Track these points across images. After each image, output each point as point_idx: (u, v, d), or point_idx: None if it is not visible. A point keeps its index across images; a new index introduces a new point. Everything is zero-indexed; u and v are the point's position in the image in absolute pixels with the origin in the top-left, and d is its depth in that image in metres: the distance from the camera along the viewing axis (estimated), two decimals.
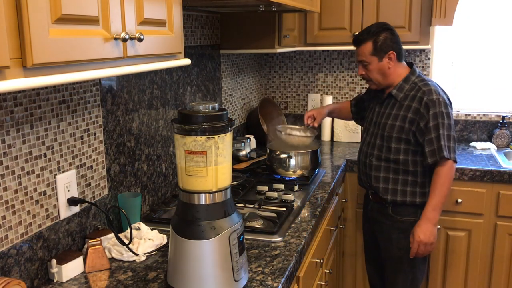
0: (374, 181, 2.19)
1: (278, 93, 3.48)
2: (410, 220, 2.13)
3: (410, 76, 2.13)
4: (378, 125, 2.18)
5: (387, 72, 2.11)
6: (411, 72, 2.14)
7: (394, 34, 2.11)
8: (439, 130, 2.00)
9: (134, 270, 1.45)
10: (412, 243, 2.08)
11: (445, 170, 2.02)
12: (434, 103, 2.01)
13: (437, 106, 2.01)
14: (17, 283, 1.15)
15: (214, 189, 1.24)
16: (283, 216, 1.80)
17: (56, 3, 0.85)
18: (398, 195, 2.13)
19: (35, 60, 0.81)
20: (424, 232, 2.04)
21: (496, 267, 2.64)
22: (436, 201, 2.04)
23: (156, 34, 1.20)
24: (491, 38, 3.07)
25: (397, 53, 2.10)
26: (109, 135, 1.68)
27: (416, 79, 2.12)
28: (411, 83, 2.11)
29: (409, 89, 2.10)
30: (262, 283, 1.35)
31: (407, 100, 2.09)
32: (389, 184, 2.15)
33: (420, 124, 2.04)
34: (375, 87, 2.18)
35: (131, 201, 1.72)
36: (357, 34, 2.16)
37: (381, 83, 2.14)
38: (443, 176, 2.02)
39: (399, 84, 2.12)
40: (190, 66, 2.28)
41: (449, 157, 2.00)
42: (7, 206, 1.26)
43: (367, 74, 2.14)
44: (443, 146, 2.00)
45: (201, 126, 1.19)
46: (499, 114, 3.08)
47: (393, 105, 2.13)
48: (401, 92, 2.11)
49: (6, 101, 1.24)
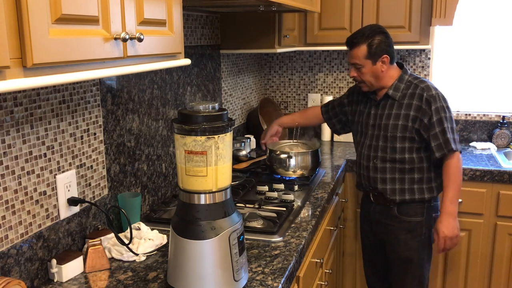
0: (381, 184, 2.18)
1: (278, 93, 3.48)
2: (417, 219, 2.15)
3: (403, 75, 2.15)
4: (378, 126, 2.17)
5: (380, 75, 2.11)
6: (403, 71, 2.17)
7: (388, 37, 2.11)
8: (443, 124, 2.04)
9: (134, 270, 1.45)
10: (437, 239, 2.10)
11: (454, 162, 2.06)
12: (435, 98, 2.05)
13: (437, 101, 2.05)
14: (17, 283, 1.15)
15: (214, 189, 1.24)
16: (283, 216, 1.80)
17: (56, 3, 0.85)
18: (407, 194, 2.14)
19: (35, 60, 0.81)
20: (447, 227, 2.07)
21: (496, 267, 2.64)
22: (452, 194, 2.07)
23: (156, 34, 1.20)
24: (491, 38, 3.07)
25: (391, 56, 2.11)
26: (109, 135, 1.68)
27: (410, 77, 2.15)
28: (405, 82, 2.13)
29: (405, 87, 2.12)
30: (262, 283, 1.35)
31: (406, 98, 2.10)
32: (396, 184, 2.15)
33: (423, 120, 2.06)
34: (367, 89, 2.18)
35: (131, 201, 1.72)
36: (351, 36, 2.14)
37: (373, 85, 2.15)
38: (455, 168, 2.07)
39: (394, 84, 2.13)
40: (190, 66, 2.28)
41: (456, 149, 2.05)
42: (7, 206, 1.26)
43: (359, 77, 2.14)
44: (449, 139, 2.04)
45: (201, 126, 1.19)
46: (499, 114, 3.08)
47: (391, 105, 2.14)
48: (398, 91, 2.12)
49: (6, 101, 1.24)
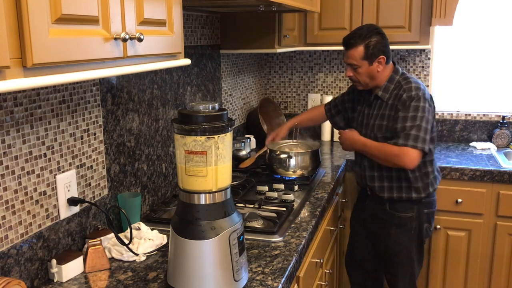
0: (370, 181, 2.23)
1: (278, 93, 3.48)
2: (407, 215, 2.18)
3: (393, 76, 2.16)
4: (367, 126, 2.21)
5: (376, 75, 2.13)
6: (394, 71, 2.17)
7: (384, 37, 2.12)
8: (409, 121, 2.02)
9: (134, 270, 1.45)
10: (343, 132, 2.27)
11: (403, 153, 2.00)
12: (412, 98, 2.05)
13: (413, 101, 2.04)
14: (17, 283, 1.15)
15: (214, 189, 1.24)
16: (283, 216, 1.80)
17: (56, 3, 0.85)
18: (394, 192, 2.17)
19: (35, 60, 0.81)
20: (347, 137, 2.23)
21: (496, 267, 2.64)
22: (371, 147, 2.12)
23: (156, 34, 1.20)
24: (491, 38, 3.07)
25: (387, 56, 2.13)
26: (109, 135, 1.68)
27: (400, 77, 2.16)
28: (395, 82, 2.15)
29: (394, 88, 2.14)
30: (262, 283, 1.35)
31: (391, 99, 2.13)
32: (384, 182, 2.18)
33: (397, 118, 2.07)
34: (362, 88, 2.21)
35: (131, 201, 1.72)
36: (348, 36, 2.15)
37: (368, 84, 2.17)
38: (395, 157, 2.02)
39: (384, 85, 2.15)
40: (190, 66, 2.28)
41: (412, 146, 2.00)
42: (7, 206, 1.26)
43: (355, 76, 2.16)
44: (410, 134, 2.00)
45: (201, 126, 1.19)
46: (499, 114, 3.08)
47: (379, 105, 2.17)
48: (387, 92, 2.14)
49: (6, 101, 1.24)
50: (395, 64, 2.20)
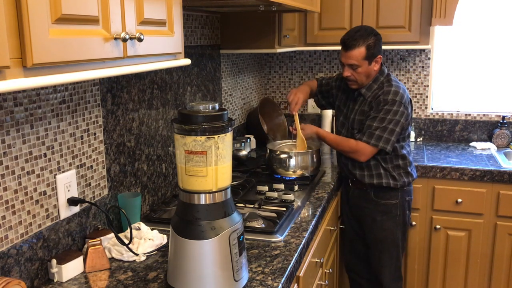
0: (352, 168, 2.32)
1: (278, 93, 3.48)
2: (392, 202, 2.30)
3: (378, 76, 2.25)
4: (347, 119, 2.33)
5: (372, 74, 2.23)
6: (380, 72, 2.25)
7: (380, 39, 2.22)
8: (375, 120, 2.15)
9: (134, 270, 1.45)
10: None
11: (360, 147, 2.18)
12: (387, 101, 2.17)
13: (387, 104, 2.16)
14: (17, 283, 1.15)
15: (214, 189, 1.24)
16: (283, 216, 1.80)
17: (56, 3, 0.85)
18: (375, 179, 2.26)
19: (35, 60, 0.81)
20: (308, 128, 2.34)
21: (496, 267, 2.64)
22: (331, 139, 2.30)
23: (156, 34, 1.20)
24: (491, 38, 3.07)
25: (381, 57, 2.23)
26: (109, 135, 1.68)
27: (384, 79, 2.24)
28: (379, 83, 2.24)
29: (376, 88, 2.23)
30: (262, 283, 1.35)
31: (370, 97, 2.22)
32: (365, 170, 2.28)
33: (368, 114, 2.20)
34: (356, 86, 2.27)
35: (131, 201, 1.72)
36: (347, 37, 2.19)
37: (364, 83, 2.25)
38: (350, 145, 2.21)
39: (369, 84, 2.24)
40: (190, 66, 2.28)
41: (373, 144, 2.15)
42: (7, 206, 1.26)
43: (353, 76, 2.22)
44: (374, 134, 2.14)
45: (201, 126, 1.19)
46: (499, 114, 3.08)
47: (361, 102, 2.27)
48: (370, 91, 2.24)
49: (6, 101, 1.24)
50: (382, 65, 2.27)
